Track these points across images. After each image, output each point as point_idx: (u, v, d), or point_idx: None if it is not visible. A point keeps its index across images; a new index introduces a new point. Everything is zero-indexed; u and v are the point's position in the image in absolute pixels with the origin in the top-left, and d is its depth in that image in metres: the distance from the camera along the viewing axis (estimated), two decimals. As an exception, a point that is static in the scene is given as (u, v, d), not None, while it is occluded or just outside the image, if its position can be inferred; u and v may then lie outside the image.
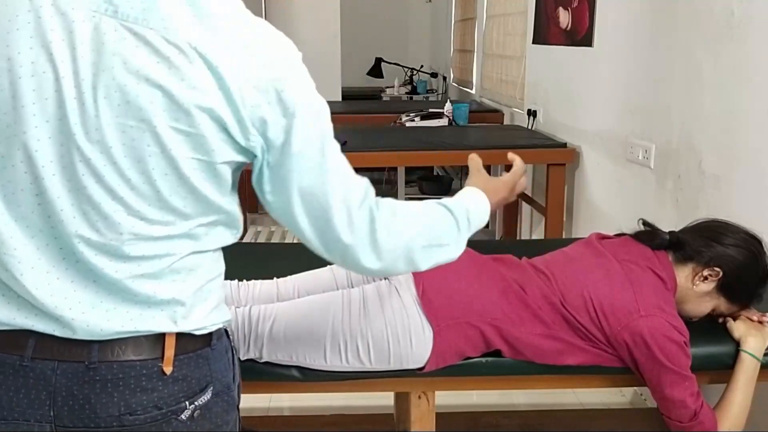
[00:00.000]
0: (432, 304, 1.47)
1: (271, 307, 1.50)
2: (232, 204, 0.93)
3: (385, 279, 1.61)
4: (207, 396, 0.94)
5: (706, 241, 1.54)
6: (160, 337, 0.91)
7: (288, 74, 0.88)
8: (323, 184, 0.91)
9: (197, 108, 0.83)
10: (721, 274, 1.51)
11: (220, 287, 0.99)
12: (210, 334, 0.96)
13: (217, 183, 0.89)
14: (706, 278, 1.52)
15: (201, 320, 0.94)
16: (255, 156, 0.90)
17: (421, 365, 1.47)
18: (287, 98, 0.87)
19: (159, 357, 0.91)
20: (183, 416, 0.92)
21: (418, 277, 1.51)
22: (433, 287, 1.50)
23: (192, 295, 0.92)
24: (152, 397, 0.90)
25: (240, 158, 0.89)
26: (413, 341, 1.46)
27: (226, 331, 1.01)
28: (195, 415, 0.93)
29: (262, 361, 1.48)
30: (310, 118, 0.89)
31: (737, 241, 1.53)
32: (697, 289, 1.53)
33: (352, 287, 1.59)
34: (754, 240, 1.55)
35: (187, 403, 0.92)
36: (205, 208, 0.90)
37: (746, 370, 1.47)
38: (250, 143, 0.87)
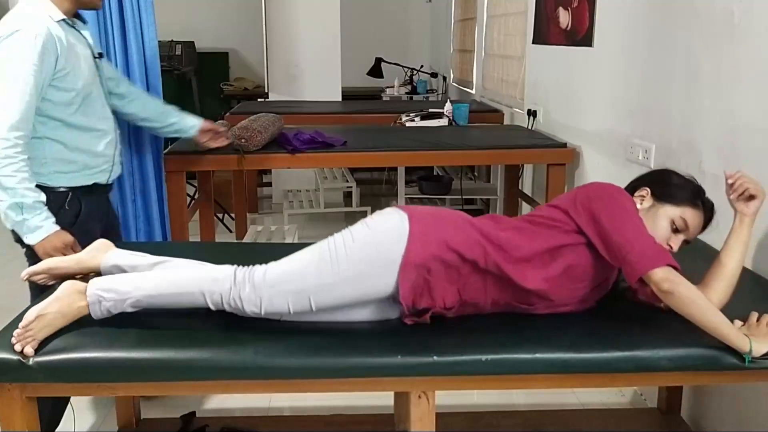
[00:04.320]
0: (416, 218, 1.60)
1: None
2: None
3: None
4: None
5: (634, 181, 1.79)
6: None
7: None
8: None
9: None
10: (649, 189, 1.70)
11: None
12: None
13: None
14: (642, 199, 1.70)
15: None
16: None
17: (402, 246, 1.54)
18: None
19: None
20: None
21: (409, 213, 1.63)
22: (422, 222, 1.60)
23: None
24: None
25: None
26: (389, 227, 1.59)
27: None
28: None
29: (263, 313, 1.55)
30: None
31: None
32: (642, 208, 1.68)
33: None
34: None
35: None
36: None
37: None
38: None
